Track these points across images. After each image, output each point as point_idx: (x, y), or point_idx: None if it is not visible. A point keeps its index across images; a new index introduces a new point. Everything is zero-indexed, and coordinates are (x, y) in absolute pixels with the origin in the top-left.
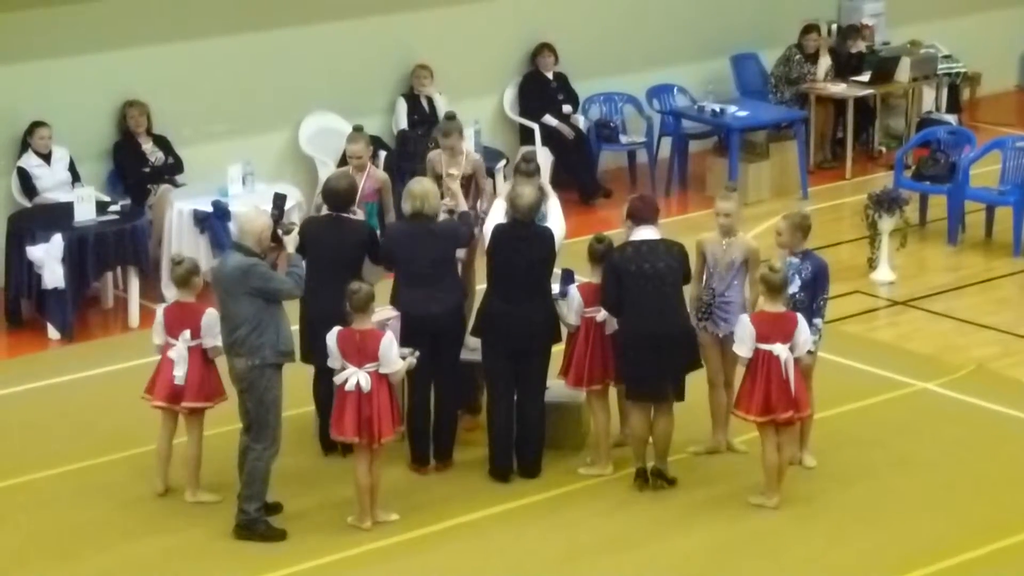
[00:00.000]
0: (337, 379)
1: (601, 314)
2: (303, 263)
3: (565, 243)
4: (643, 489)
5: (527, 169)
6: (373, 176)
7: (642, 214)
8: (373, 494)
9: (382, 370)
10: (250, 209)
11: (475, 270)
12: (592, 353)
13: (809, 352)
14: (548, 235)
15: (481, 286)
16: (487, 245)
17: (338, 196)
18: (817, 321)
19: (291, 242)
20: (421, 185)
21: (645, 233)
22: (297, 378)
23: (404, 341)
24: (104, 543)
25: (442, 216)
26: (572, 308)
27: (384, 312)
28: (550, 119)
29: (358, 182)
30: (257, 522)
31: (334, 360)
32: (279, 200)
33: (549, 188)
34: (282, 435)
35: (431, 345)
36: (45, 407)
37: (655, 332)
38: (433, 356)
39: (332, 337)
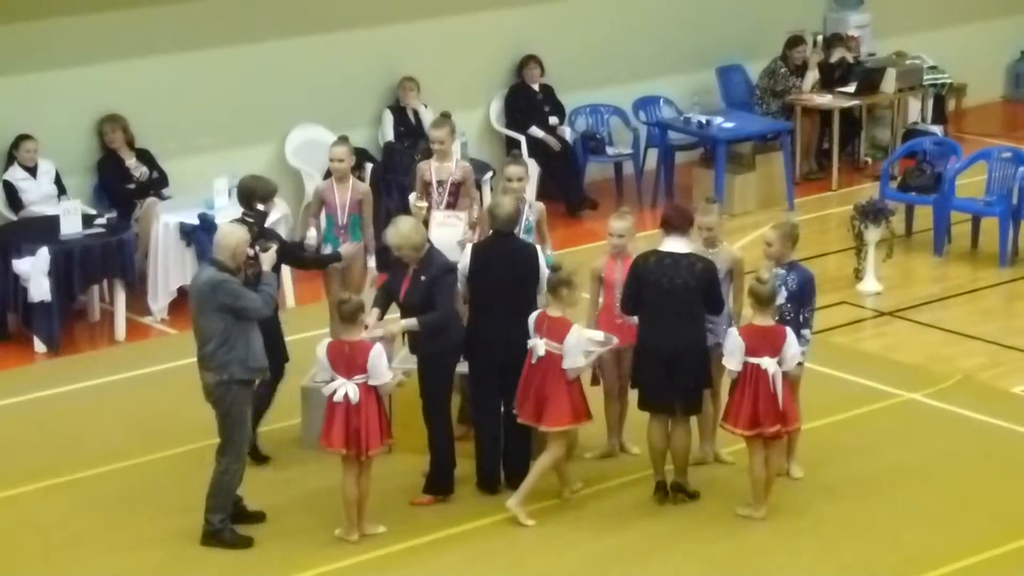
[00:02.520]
0: (326, 390)
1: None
2: (276, 282)
3: None
4: (663, 502)
5: (515, 160)
6: (355, 188)
7: (673, 224)
8: (361, 507)
9: (371, 382)
10: (227, 223)
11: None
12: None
13: (798, 363)
14: (531, 250)
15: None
16: (467, 264)
17: None
18: (805, 332)
19: (267, 260)
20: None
21: (673, 245)
22: (285, 389)
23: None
24: (91, 556)
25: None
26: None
27: (376, 331)
28: (536, 131)
29: (344, 191)
30: (222, 531)
31: (324, 372)
32: (260, 218)
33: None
34: (263, 441)
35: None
36: (31, 421)
37: (663, 348)
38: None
39: (322, 348)
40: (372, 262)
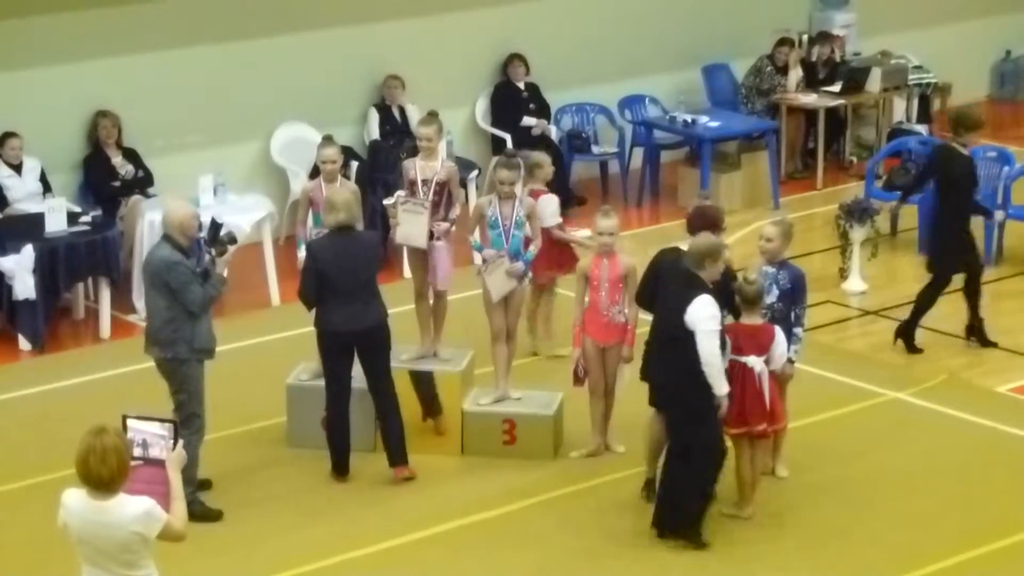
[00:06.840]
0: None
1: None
2: (222, 287)
3: None
4: (650, 500)
5: (508, 164)
6: (345, 188)
7: (691, 224)
8: None
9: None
10: (173, 200)
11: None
12: None
13: (789, 361)
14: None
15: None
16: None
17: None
18: (797, 331)
19: (222, 264)
20: (342, 195)
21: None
22: (274, 388)
23: (327, 358)
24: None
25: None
26: None
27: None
28: (528, 119)
29: (333, 191)
30: (192, 504)
31: None
32: (214, 227)
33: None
34: (249, 439)
35: (351, 357)
36: (15, 418)
37: (654, 336)
38: (364, 367)
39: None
40: None
